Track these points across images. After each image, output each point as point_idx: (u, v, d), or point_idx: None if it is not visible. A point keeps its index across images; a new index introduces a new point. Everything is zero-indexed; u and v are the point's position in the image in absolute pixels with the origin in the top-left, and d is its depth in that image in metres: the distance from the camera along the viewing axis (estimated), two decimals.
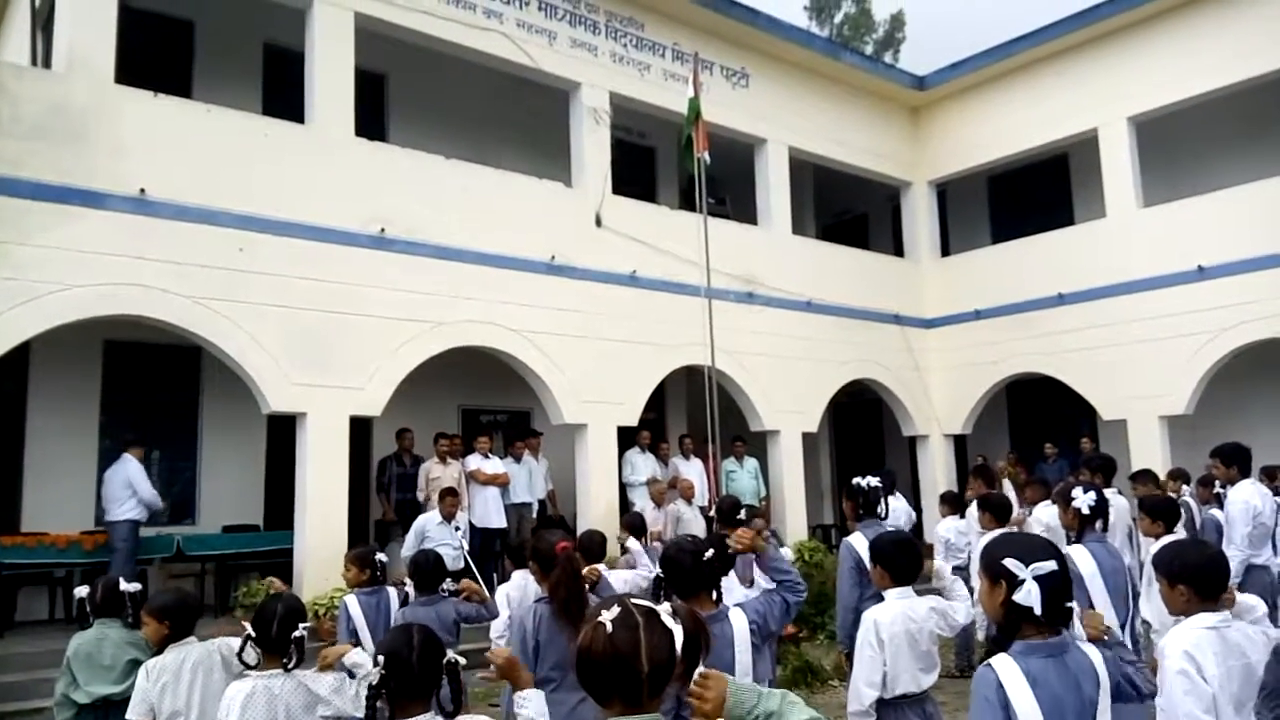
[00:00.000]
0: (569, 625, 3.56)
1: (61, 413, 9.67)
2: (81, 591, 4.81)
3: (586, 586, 3.93)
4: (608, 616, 1.76)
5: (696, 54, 11.17)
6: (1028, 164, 14.54)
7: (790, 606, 3.45)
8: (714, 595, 3.32)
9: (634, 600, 1.82)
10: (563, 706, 3.51)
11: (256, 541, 9.95)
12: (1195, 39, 12.06)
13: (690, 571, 3.24)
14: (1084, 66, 13.14)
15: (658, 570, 3.48)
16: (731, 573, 4.29)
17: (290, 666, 3.40)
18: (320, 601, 8.12)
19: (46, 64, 9.10)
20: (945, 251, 15.36)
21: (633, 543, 6.83)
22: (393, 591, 5.36)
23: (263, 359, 8.51)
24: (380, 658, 2.51)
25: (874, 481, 5.14)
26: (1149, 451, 11.64)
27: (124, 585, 4.72)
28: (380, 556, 5.44)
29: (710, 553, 3.29)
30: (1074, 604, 2.51)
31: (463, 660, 2.66)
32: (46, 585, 9.17)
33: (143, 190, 8.02)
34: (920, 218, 15.11)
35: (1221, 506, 7.09)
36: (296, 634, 3.41)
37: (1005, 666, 2.34)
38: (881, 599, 3.96)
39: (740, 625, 3.25)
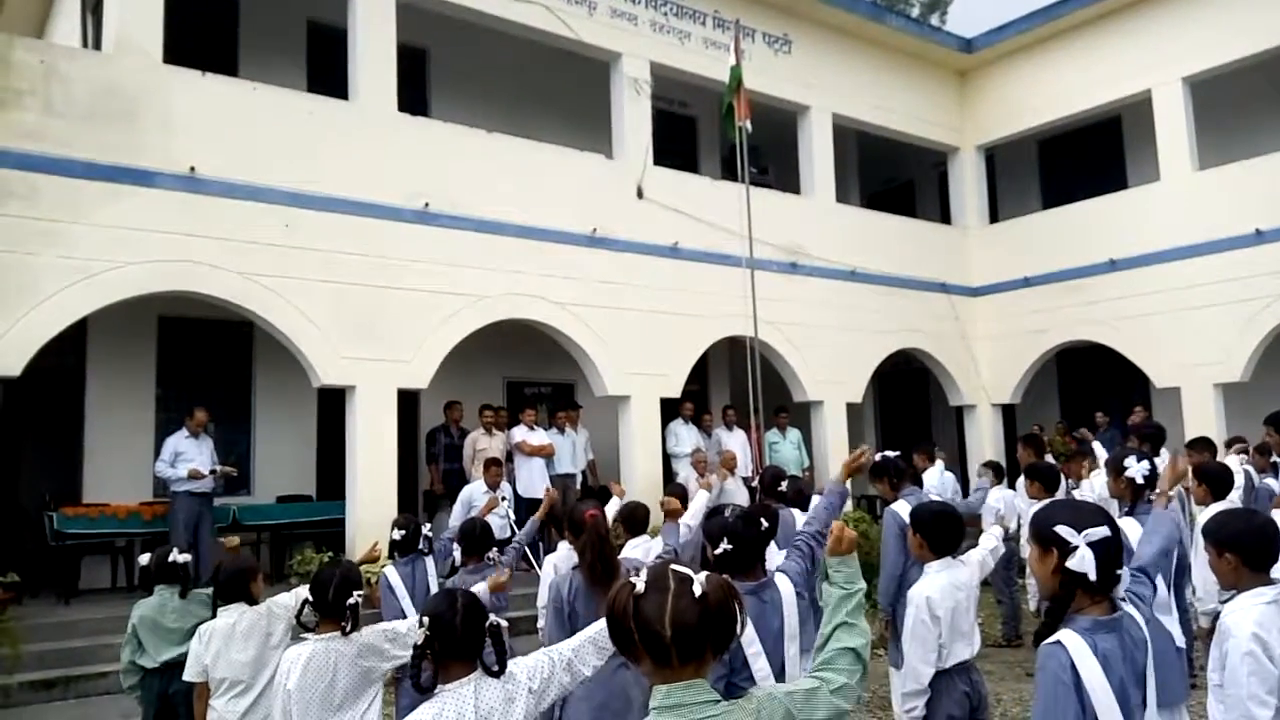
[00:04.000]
0: (599, 590, 3.61)
1: (119, 388, 9.92)
2: (144, 559, 4.98)
3: (615, 551, 3.97)
4: (640, 578, 1.79)
5: (738, 21, 11.04)
6: (1079, 127, 14.20)
7: (817, 562, 3.56)
8: (762, 564, 3.41)
9: (674, 566, 1.84)
10: (603, 670, 3.56)
11: (309, 511, 10.15)
12: None
13: (753, 541, 3.30)
14: (1137, 26, 12.76)
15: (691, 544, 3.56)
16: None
17: (348, 631, 3.47)
18: (372, 570, 8.27)
19: (97, 45, 9.27)
20: (994, 218, 15.09)
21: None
22: (429, 560, 5.47)
23: (312, 333, 8.65)
24: (424, 619, 2.56)
25: (891, 454, 5.24)
26: (1203, 420, 11.40)
27: (174, 556, 4.86)
28: (426, 530, 5.53)
29: (765, 525, 3.37)
30: (1123, 570, 2.47)
31: (505, 623, 2.71)
32: (108, 554, 9.44)
33: (192, 168, 8.15)
34: (968, 184, 14.85)
35: (1278, 475, 6.93)
36: (351, 600, 3.46)
37: (1077, 645, 2.24)
38: (919, 567, 3.96)
39: (787, 589, 3.34)
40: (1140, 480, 4.35)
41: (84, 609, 8.31)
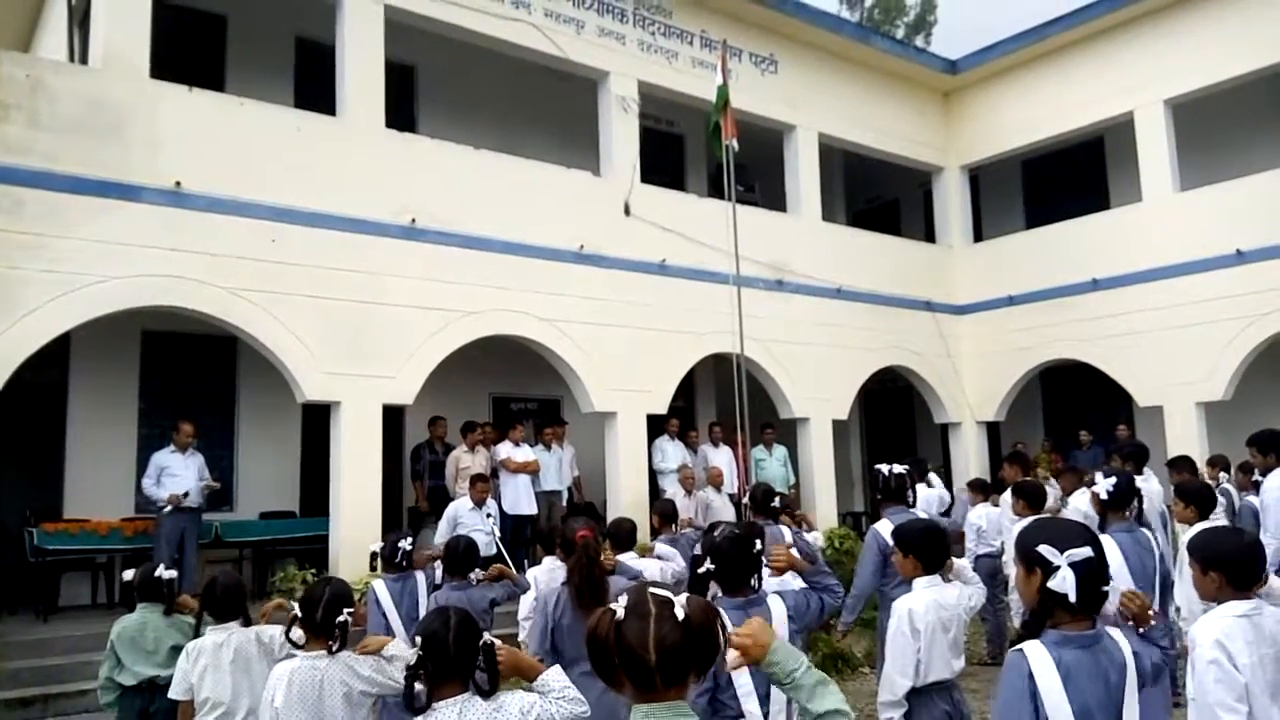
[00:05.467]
0: (584, 611, 3.61)
1: (101, 402, 9.85)
2: (128, 575, 4.93)
3: (605, 573, 3.97)
4: (620, 604, 1.78)
5: (724, 41, 11.12)
6: (1062, 148, 14.33)
7: (825, 608, 3.48)
8: (755, 582, 3.37)
9: (652, 589, 1.84)
10: (591, 691, 3.55)
11: (293, 528, 10.10)
12: (1233, 20, 11.82)
13: (740, 562, 3.28)
14: (1120, 48, 12.93)
15: (683, 563, 3.53)
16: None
17: (335, 650, 3.46)
18: (356, 587, 8.22)
19: (83, 60, 9.26)
20: (978, 237, 15.21)
21: (661, 546, 6.78)
22: (420, 576, 5.43)
23: (297, 349, 8.62)
24: (418, 639, 2.56)
25: (898, 469, 5.14)
26: (1186, 438, 11.49)
27: (160, 572, 4.81)
28: (405, 543, 5.50)
29: (758, 545, 3.34)
30: (1109, 588, 2.48)
31: (498, 642, 2.69)
32: (88, 571, 9.36)
33: (178, 183, 8.13)
34: (952, 203, 14.97)
35: (1259, 494, 6.98)
36: (340, 619, 3.46)
37: (1038, 655, 2.30)
38: (904, 585, 3.96)
39: (778, 610, 3.29)
40: (1105, 496, 4.36)
41: (63, 626, 8.22)
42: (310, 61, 10.98)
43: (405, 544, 5.47)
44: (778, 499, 6.37)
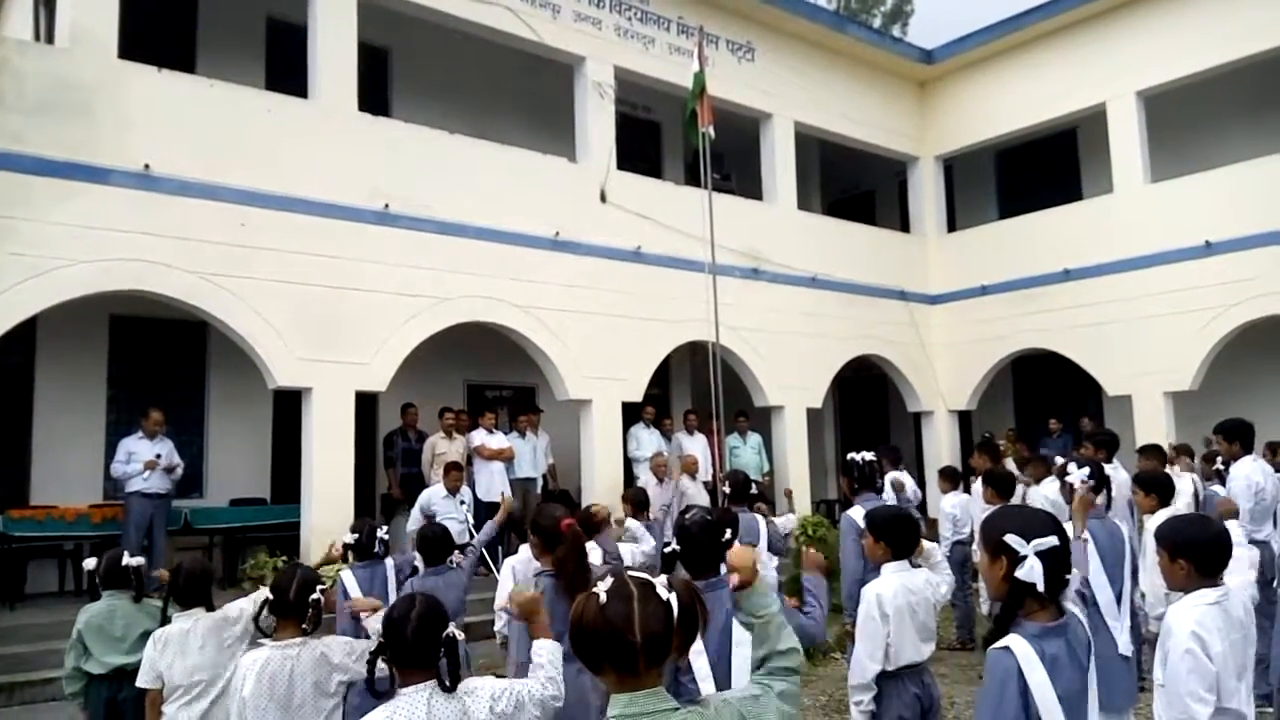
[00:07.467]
0: (570, 598, 3.61)
1: (69, 387, 9.73)
2: (90, 564, 4.87)
3: (589, 561, 3.96)
4: (602, 588, 1.78)
5: (701, 28, 11.08)
6: (1036, 139, 14.45)
7: (808, 608, 3.52)
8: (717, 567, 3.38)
9: (630, 572, 1.84)
10: (565, 673, 3.55)
11: (263, 515, 10.02)
12: (1205, 13, 11.94)
13: (707, 546, 3.27)
14: (1093, 40, 13.03)
15: (658, 545, 3.52)
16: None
17: (308, 632, 3.44)
18: (327, 575, 8.17)
19: (50, 39, 9.07)
20: (952, 227, 15.30)
21: (631, 522, 6.82)
22: (390, 564, 5.41)
23: (268, 334, 8.53)
24: (383, 623, 2.56)
25: (869, 456, 5.18)
26: (1154, 428, 11.64)
27: (127, 559, 4.75)
28: (382, 531, 5.47)
29: (728, 533, 3.33)
30: (1072, 574, 2.51)
31: (461, 634, 2.69)
32: (55, 558, 9.26)
33: (147, 165, 8.01)
34: (927, 193, 15.04)
35: (1224, 482, 7.09)
36: (314, 597, 3.45)
37: (1025, 652, 2.28)
38: (876, 571, 3.99)
39: None
40: (1078, 486, 4.40)
41: (30, 614, 8.14)
42: (282, 43, 10.84)
43: (382, 531, 5.44)
44: (754, 486, 6.40)
